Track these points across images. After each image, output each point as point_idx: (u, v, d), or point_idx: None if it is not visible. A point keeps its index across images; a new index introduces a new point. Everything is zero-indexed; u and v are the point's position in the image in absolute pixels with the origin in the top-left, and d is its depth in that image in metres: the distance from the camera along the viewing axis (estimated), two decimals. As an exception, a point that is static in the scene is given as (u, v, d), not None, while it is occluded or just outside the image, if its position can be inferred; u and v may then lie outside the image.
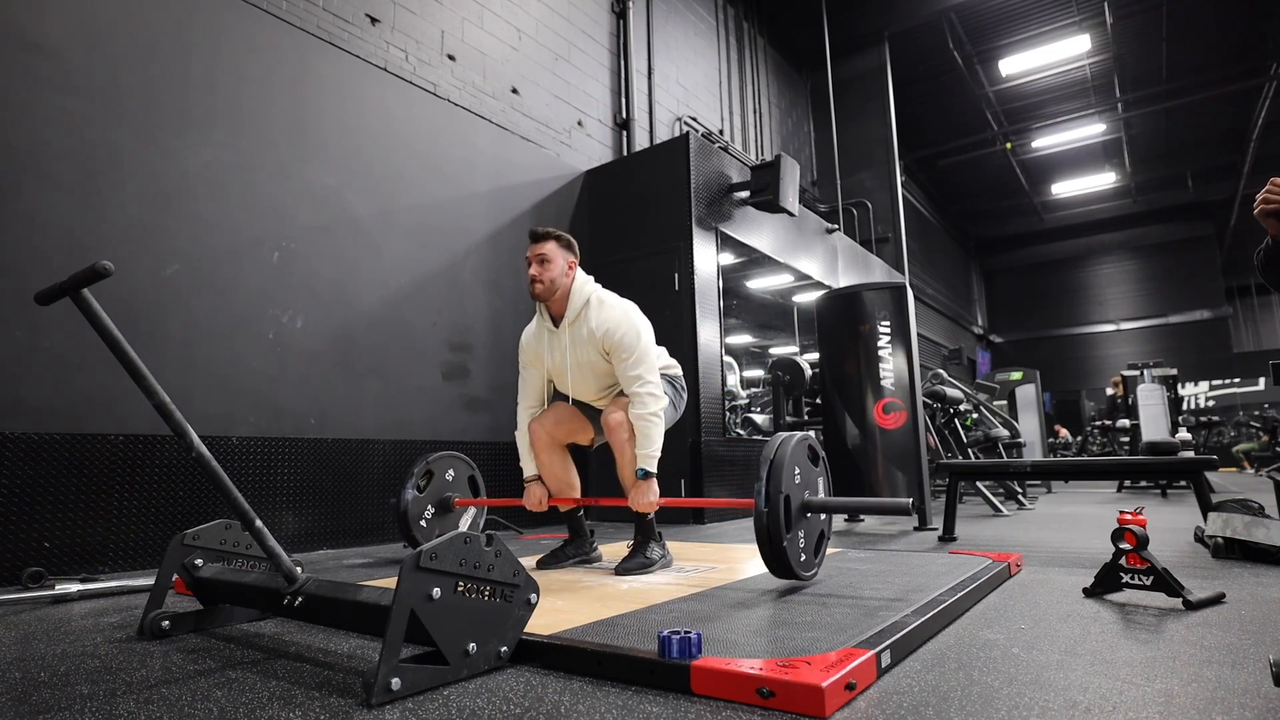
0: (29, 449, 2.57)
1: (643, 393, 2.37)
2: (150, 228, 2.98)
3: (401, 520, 2.79)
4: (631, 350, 2.38)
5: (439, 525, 2.89)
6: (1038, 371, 9.64)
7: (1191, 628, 1.60)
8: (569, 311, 2.45)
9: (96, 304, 1.38)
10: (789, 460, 1.95)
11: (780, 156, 5.18)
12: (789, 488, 1.93)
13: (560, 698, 1.20)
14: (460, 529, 2.84)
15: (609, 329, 2.39)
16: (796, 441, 2.02)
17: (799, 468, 2.00)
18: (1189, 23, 10.02)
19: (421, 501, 2.85)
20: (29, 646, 1.63)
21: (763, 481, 1.90)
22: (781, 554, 1.89)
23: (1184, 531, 3.49)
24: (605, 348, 2.42)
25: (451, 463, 2.98)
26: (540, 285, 2.43)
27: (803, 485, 2.02)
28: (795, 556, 1.95)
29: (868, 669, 1.24)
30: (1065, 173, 15.08)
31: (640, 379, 2.38)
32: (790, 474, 1.95)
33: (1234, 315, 17.98)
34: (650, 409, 2.37)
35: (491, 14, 4.85)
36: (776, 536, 1.88)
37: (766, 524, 1.87)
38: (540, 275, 2.42)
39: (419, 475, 2.83)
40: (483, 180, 4.50)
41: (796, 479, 1.98)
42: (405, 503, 2.78)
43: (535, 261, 2.43)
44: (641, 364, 2.39)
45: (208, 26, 3.26)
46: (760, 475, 1.91)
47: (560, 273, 2.44)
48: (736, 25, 8.09)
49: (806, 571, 2.01)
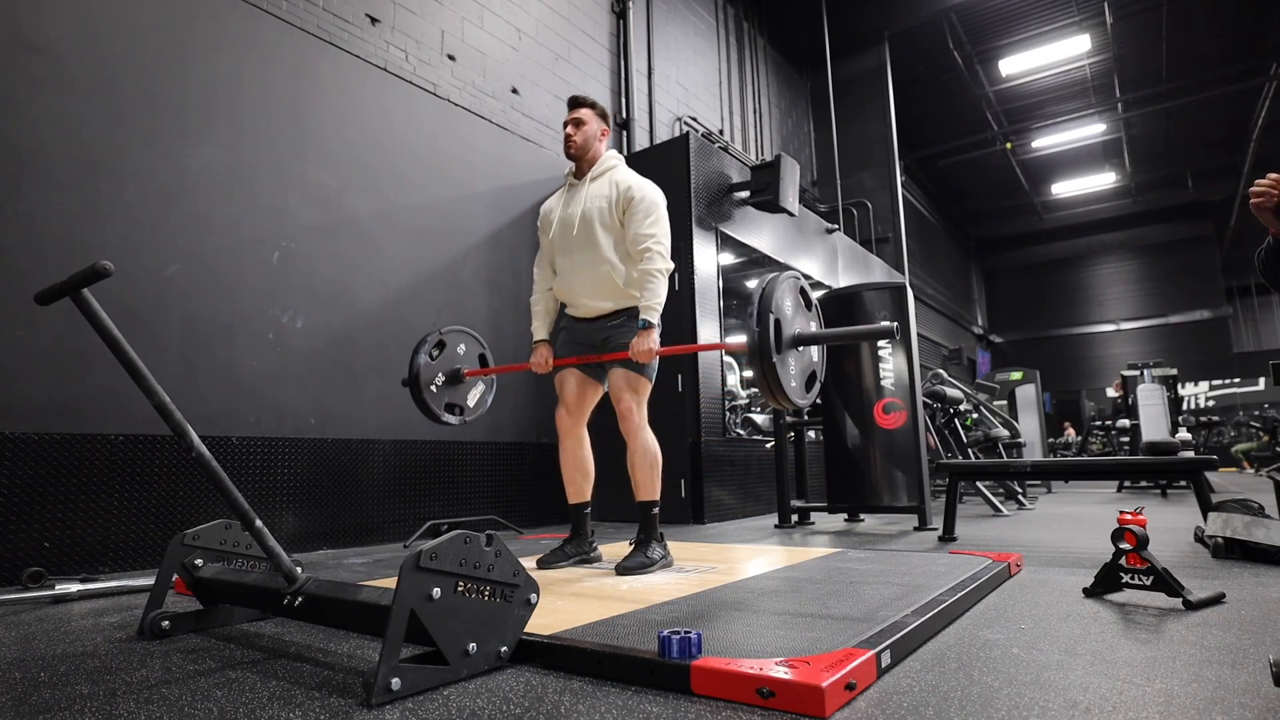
0: (29, 449, 2.57)
1: (655, 249, 2.50)
2: (150, 228, 2.98)
3: (413, 383, 2.81)
4: (650, 211, 2.53)
5: (448, 394, 2.91)
6: (1038, 371, 9.64)
7: (1191, 628, 1.60)
8: (596, 166, 2.64)
9: (96, 304, 1.38)
10: (779, 291, 2.03)
11: (780, 156, 5.18)
12: (779, 314, 2.01)
13: (560, 698, 1.20)
14: (469, 399, 2.93)
15: (632, 186, 2.55)
16: (787, 277, 2.10)
17: (790, 302, 2.07)
18: (1189, 23, 10.02)
19: (433, 368, 2.87)
20: (29, 646, 1.63)
21: (754, 304, 1.97)
22: (773, 371, 1.95)
23: (1184, 531, 3.49)
24: (623, 203, 2.54)
25: (463, 338, 3.00)
26: (575, 143, 2.62)
27: (793, 320, 2.09)
28: (787, 381, 2.00)
29: (868, 669, 1.24)
30: (1065, 173, 15.07)
31: (653, 237, 2.51)
32: (781, 303, 2.02)
33: (1234, 315, 17.98)
34: (657, 265, 2.50)
35: (491, 14, 4.85)
36: (768, 354, 1.94)
37: (759, 343, 1.95)
38: (575, 134, 2.63)
39: (431, 344, 2.85)
40: (483, 180, 4.50)
41: (788, 310, 2.05)
42: (418, 366, 2.80)
43: (571, 123, 2.63)
44: (657, 225, 2.53)
45: (208, 26, 3.26)
46: (752, 300, 1.99)
47: (594, 135, 2.65)
48: (736, 25, 8.09)
49: (799, 398, 2.07)
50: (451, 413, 2.90)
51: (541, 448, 4.51)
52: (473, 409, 2.98)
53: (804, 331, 2.12)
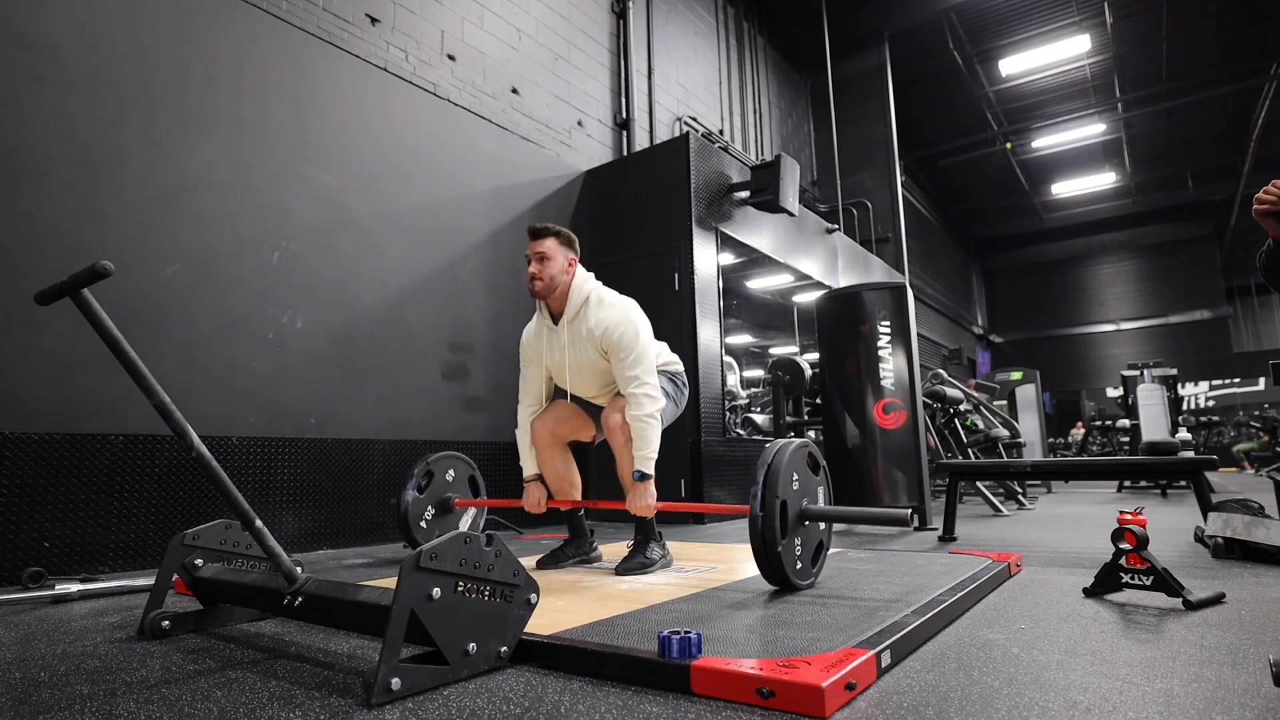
0: (29, 449, 2.57)
1: (639, 394, 2.35)
2: (150, 228, 2.98)
3: (402, 521, 2.79)
4: (630, 350, 2.36)
5: (439, 526, 2.90)
6: (1038, 371, 9.65)
7: (1191, 628, 1.60)
8: (568, 309, 2.43)
9: (96, 304, 1.38)
10: (786, 466, 1.92)
11: (780, 156, 5.18)
12: (786, 493, 1.91)
13: (560, 698, 1.20)
14: (461, 528, 2.84)
15: (608, 328, 2.37)
16: (796, 448, 2.00)
17: (797, 474, 1.98)
18: (1189, 23, 10.02)
19: (422, 502, 2.85)
20: (29, 646, 1.62)
21: (759, 486, 1.87)
22: (776, 560, 1.87)
23: (1184, 531, 3.49)
24: (604, 346, 2.40)
25: (451, 463, 2.98)
26: (539, 283, 2.40)
27: (801, 493, 2.00)
28: (791, 564, 1.93)
29: (868, 669, 1.24)
30: (1065, 173, 15.07)
31: (637, 379, 2.36)
32: (788, 480, 1.93)
33: (1234, 315, 17.99)
34: (647, 410, 2.35)
35: (491, 14, 4.85)
36: (771, 542, 1.85)
37: (761, 530, 1.85)
38: (540, 273, 2.40)
39: (419, 476, 2.84)
40: (483, 180, 4.50)
41: (795, 485, 1.96)
42: (405, 504, 2.78)
43: (535, 259, 2.41)
44: (639, 364, 2.37)
45: (207, 26, 3.26)
46: (757, 479, 1.89)
47: (560, 270, 2.42)
48: (736, 25, 8.09)
49: (803, 580, 1.99)
50: None
51: (541, 448, 4.49)
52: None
53: (812, 507, 2.01)
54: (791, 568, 1.93)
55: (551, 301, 2.48)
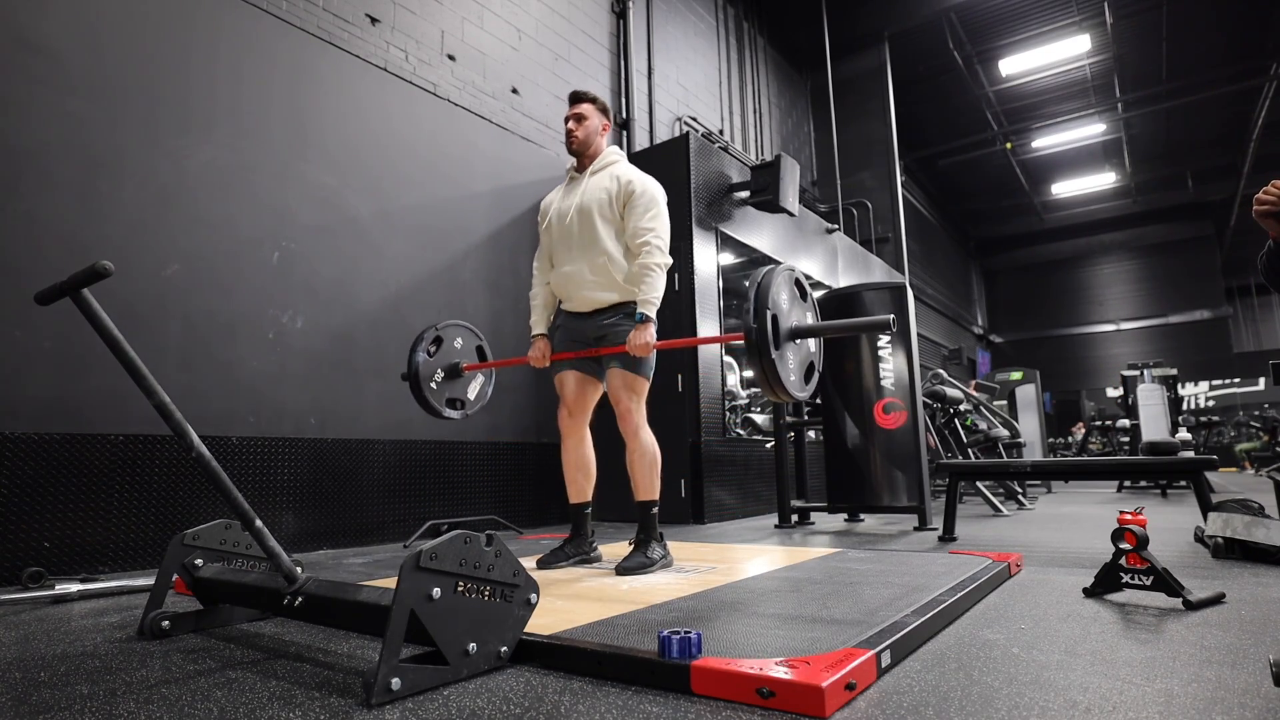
0: (29, 449, 2.57)
1: (654, 244, 2.49)
2: (150, 228, 2.98)
3: (413, 381, 2.81)
4: (650, 206, 2.53)
5: (449, 389, 2.91)
6: (1038, 371, 9.64)
7: (1191, 628, 1.60)
8: (597, 161, 2.64)
9: (96, 304, 1.38)
10: (775, 286, 2.02)
11: (780, 156, 5.18)
12: (775, 308, 2.00)
13: (560, 698, 1.20)
14: (470, 393, 2.93)
15: (633, 180, 2.55)
16: (782, 270, 2.10)
17: (785, 295, 2.07)
18: (1189, 23, 10.02)
19: (432, 365, 2.87)
20: (29, 646, 1.63)
21: (751, 300, 1.97)
22: (771, 367, 1.96)
23: (1184, 531, 3.49)
24: (624, 196, 2.53)
25: (460, 332, 3.00)
26: (577, 138, 2.63)
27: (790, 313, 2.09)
28: (786, 375, 2.02)
29: (868, 669, 1.24)
30: (1065, 173, 15.07)
31: (652, 231, 2.51)
32: (777, 298, 2.01)
33: (1234, 315, 17.99)
34: (656, 260, 2.49)
35: (491, 14, 4.85)
36: (765, 351, 1.94)
37: (756, 340, 1.95)
38: (576, 129, 2.63)
39: (429, 341, 2.85)
40: (483, 180, 4.50)
41: (784, 304, 2.05)
42: (416, 364, 2.81)
43: (573, 118, 2.64)
44: (657, 219, 2.53)
45: (208, 26, 3.26)
46: (748, 296, 1.99)
47: (595, 130, 2.65)
48: (736, 25, 8.09)
49: (798, 391, 2.08)
50: (453, 407, 2.90)
51: (542, 448, 4.51)
52: (474, 402, 2.98)
53: (801, 324, 2.12)
54: (786, 379, 2.02)
55: (584, 159, 2.67)
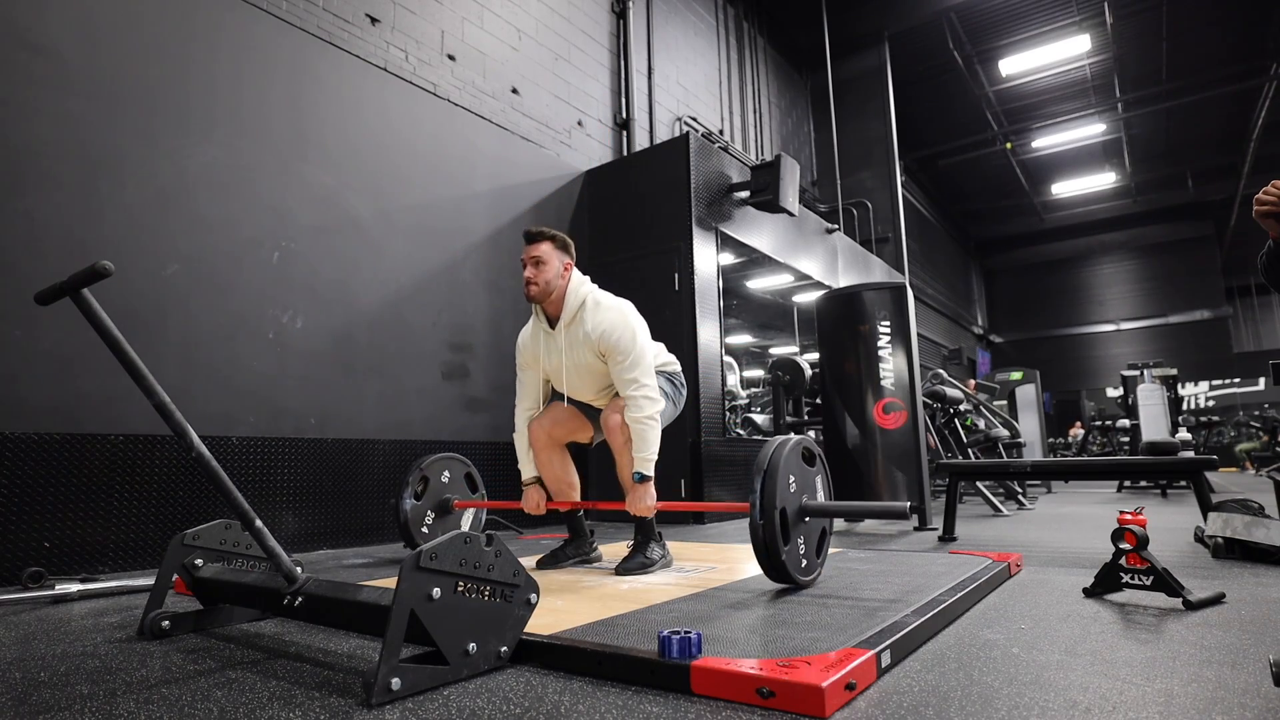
0: (29, 449, 2.57)
1: (638, 396, 2.35)
2: (150, 228, 2.98)
3: (404, 530, 2.79)
4: (627, 353, 2.36)
5: (440, 528, 2.90)
6: (1038, 371, 9.64)
7: (1191, 628, 1.60)
8: (565, 313, 2.43)
9: (96, 304, 1.38)
10: (783, 469, 1.92)
11: (780, 156, 5.18)
12: (784, 499, 1.91)
13: (560, 698, 1.20)
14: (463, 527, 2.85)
15: (604, 331, 2.37)
16: (790, 447, 2.00)
17: (794, 474, 1.99)
18: (1189, 23, 10.02)
19: (420, 508, 2.85)
20: (29, 646, 1.62)
21: (757, 494, 1.87)
22: (781, 566, 1.89)
23: (1184, 531, 3.49)
24: (601, 350, 2.40)
25: (446, 464, 2.97)
26: (535, 287, 2.40)
27: (799, 491, 2.00)
28: (795, 565, 1.95)
29: (868, 669, 1.24)
30: (1065, 173, 15.07)
31: (636, 382, 2.36)
32: (785, 483, 1.93)
33: (1234, 315, 17.98)
34: (646, 412, 2.35)
35: (491, 14, 4.85)
36: (774, 550, 1.87)
37: (764, 538, 1.87)
38: (535, 277, 2.40)
39: (414, 482, 2.83)
40: (483, 180, 4.50)
41: (792, 487, 1.97)
42: (405, 512, 2.78)
43: (530, 263, 2.41)
44: (636, 367, 2.37)
45: (207, 26, 3.26)
46: (754, 488, 1.89)
47: (556, 274, 2.42)
48: (736, 25, 8.09)
49: (807, 576, 2.01)
50: None
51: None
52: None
53: (812, 503, 2.03)
54: (796, 568, 1.95)
55: (548, 306, 2.47)
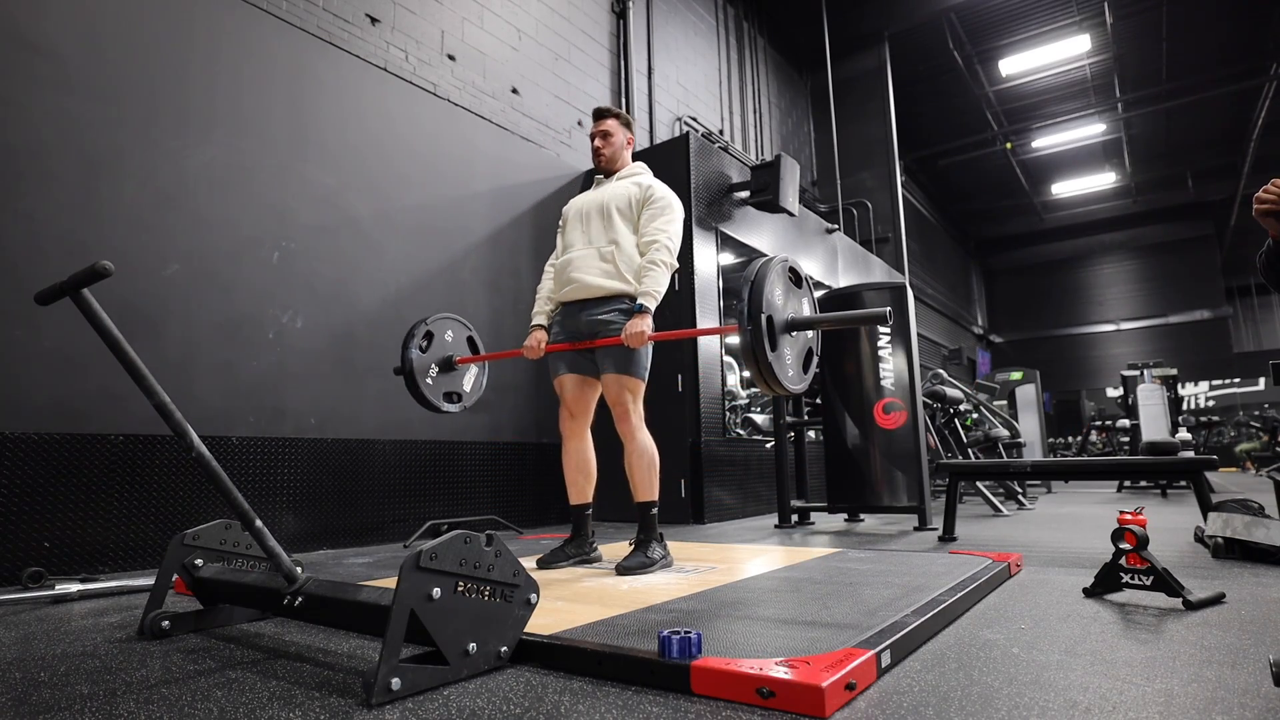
0: (29, 449, 2.57)
1: (663, 243, 2.54)
2: (150, 228, 2.98)
3: (408, 379, 2.81)
4: (666, 211, 2.60)
5: (444, 382, 2.92)
6: (1038, 371, 9.64)
7: (1191, 628, 1.60)
8: (622, 170, 2.74)
9: (96, 304, 1.38)
10: (769, 281, 2.01)
11: (780, 156, 5.18)
12: (770, 308, 1.99)
13: (560, 698, 1.20)
14: (465, 385, 2.94)
15: (653, 187, 2.64)
16: (777, 263, 2.08)
17: (780, 289, 2.06)
18: (1189, 23, 10.02)
19: (425, 360, 2.87)
20: (29, 646, 1.63)
21: (745, 302, 1.96)
22: (769, 368, 1.96)
23: (1184, 531, 3.49)
24: (643, 199, 2.61)
25: (450, 324, 2.99)
26: (604, 156, 2.73)
27: (785, 306, 2.08)
28: (783, 372, 2.02)
29: (868, 669, 1.24)
30: (1065, 173, 15.07)
31: (665, 233, 2.56)
32: (771, 294, 2.00)
33: (1234, 315, 17.98)
34: (663, 257, 2.53)
35: (491, 14, 4.85)
36: (762, 354, 1.94)
37: (751, 343, 1.94)
38: (603, 147, 2.73)
39: (420, 336, 2.84)
40: (483, 180, 4.50)
41: (778, 299, 2.04)
42: (409, 362, 2.81)
43: (599, 135, 2.73)
44: (671, 224, 2.59)
45: (207, 27, 3.26)
46: (742, 297, 1.97)
47: (621, 146, 2.75)
48: (736, 25, 8.09)
49: (796, 385, 2.07)
50: (450, 400, 2.90)
51: (541, 448, 4.51)
52: (470, 394, 2.98)
53: (797, 316, 2.12)
54: (784, 376, 2.02)
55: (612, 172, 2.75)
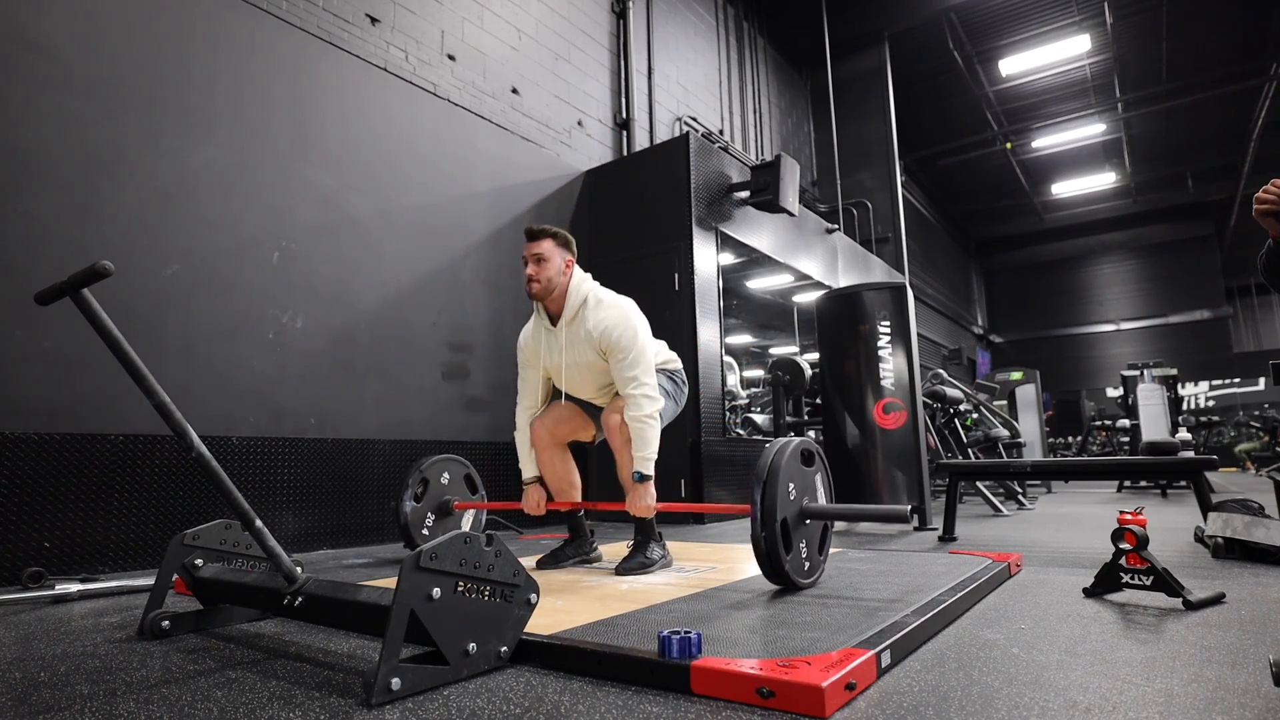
0: (29, 449, 2.57)
1: (638, 394, 2.35)
2: (150, 228, 2.98)
3: (404, 532, 2.79)
4: (628, 351, 2.36)
5: (440, 530, 2.90)
6: (1038, 371, 9.64)
7: (1191, 628, 1.60)
8: (566, 311, 2.43)
9: (96, 304, 1.38)
10: (783, 475, 1.93)
11: (780, 156, 5.18)
12: (784, 508, 1.91)
13: (560, 698, 1.20)
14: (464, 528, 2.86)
15: (606, 328, 2.38)
16: (790, 452, 2.00)
17: (794, 480, 1.99)
18: (1189, 23, 10.02)
19: (420, 511, 2.85)
20: (29, 646, 1.62)
21: (758, 505, 1.88)
22: (783, 573, 1.90)
23: (1184, 531, 3.49)
24: (602, 347, 2.40)
25: (445, 465, 2.97)
26: (537, 284, 2.41)
27: (800, 494, 2.01)
28: (798, 570, 1.96)
29: (868, 669, 1.24)
30: (1065, 173, 15.07)
31: (636, 380, 2.36)
32: (784, 490, 1.93)
33: (1234, 315, 17.97)
34: (645, 411, 2.34)
35: (491, 14, 4.85)
36: (777, 560, 1.88)
37: (766, 549, 1.87)
38: (537, 274, 2.40)
39: (414, 485, 2.83)
40: (483, 180, 4.50)
41: (792, 493, 1.97)
42: (405, 515, 2.78)
43: (531, 260, 2.41)
44: (638, 365, 2.37)
45: (207, 26, 3.26)
46: (754, 499, 1.89)
47: (557, 271, 2.42)
48: (736, 25, 8.09)
49: (807, 579, 2.01)
50: None
51: (541, 448, 4.49)
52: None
53: (812, 505, 2.04)
54: (799, 572, 1.96)
55: (549, 303, 2.48)
